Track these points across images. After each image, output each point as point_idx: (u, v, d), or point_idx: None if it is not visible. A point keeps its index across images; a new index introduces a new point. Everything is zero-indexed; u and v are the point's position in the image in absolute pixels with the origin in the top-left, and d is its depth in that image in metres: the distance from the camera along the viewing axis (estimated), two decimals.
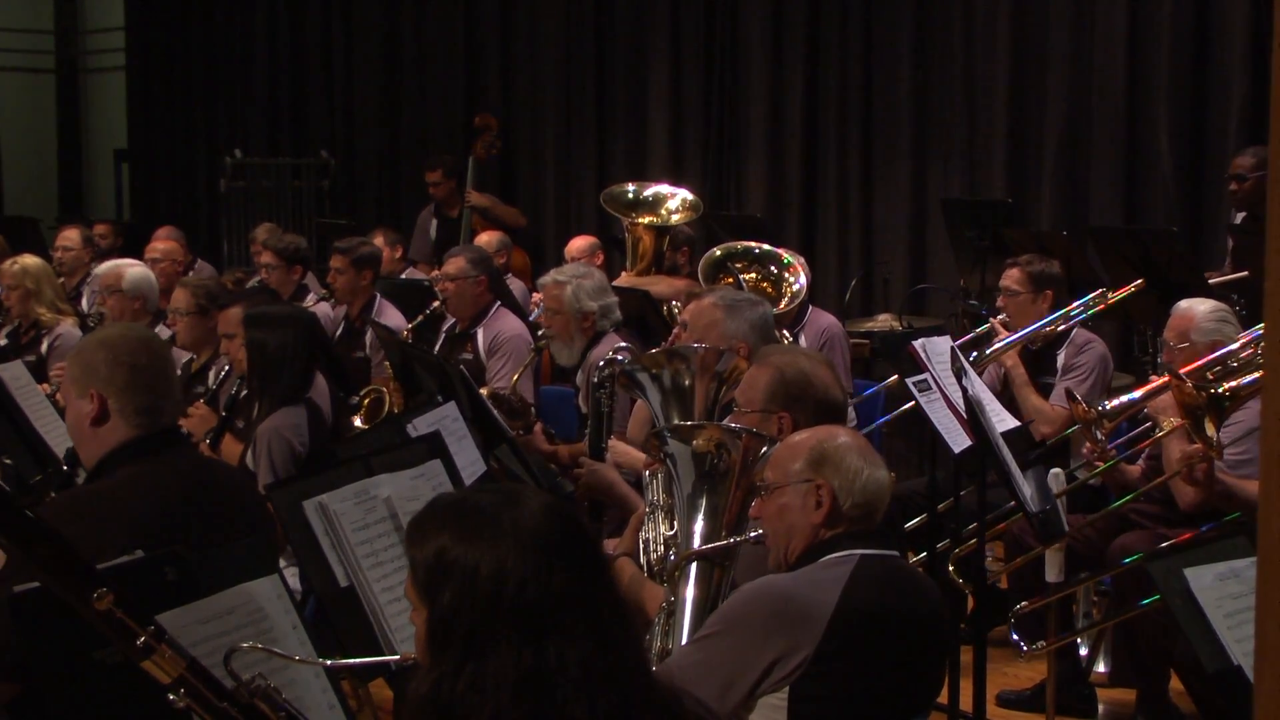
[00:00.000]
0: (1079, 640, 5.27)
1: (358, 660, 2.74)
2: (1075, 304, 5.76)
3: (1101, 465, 4.83)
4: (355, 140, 12.43)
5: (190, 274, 8.04)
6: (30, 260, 7.14)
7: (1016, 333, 5.71)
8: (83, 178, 16.48)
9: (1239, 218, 7.07)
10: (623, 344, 5.51)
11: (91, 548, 2.74)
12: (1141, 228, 7.53)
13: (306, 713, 2.42)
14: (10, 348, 6.38)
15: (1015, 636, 4.71)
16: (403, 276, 8.26)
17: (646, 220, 7.71)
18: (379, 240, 8.41)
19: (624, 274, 7.74)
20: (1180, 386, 4.24)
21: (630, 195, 7.97)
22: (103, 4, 15.84)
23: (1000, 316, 5.82)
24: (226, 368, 5.30)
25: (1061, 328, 5.73)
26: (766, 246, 6.59)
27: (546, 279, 6.01)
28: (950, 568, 4.78)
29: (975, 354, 5.69)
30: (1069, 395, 4.93)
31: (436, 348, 6.50)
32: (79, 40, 16.51)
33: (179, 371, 5.39)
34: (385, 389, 6.10)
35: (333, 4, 12.49)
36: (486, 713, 2.00)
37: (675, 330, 4.98)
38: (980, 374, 5.61)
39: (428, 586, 2.08)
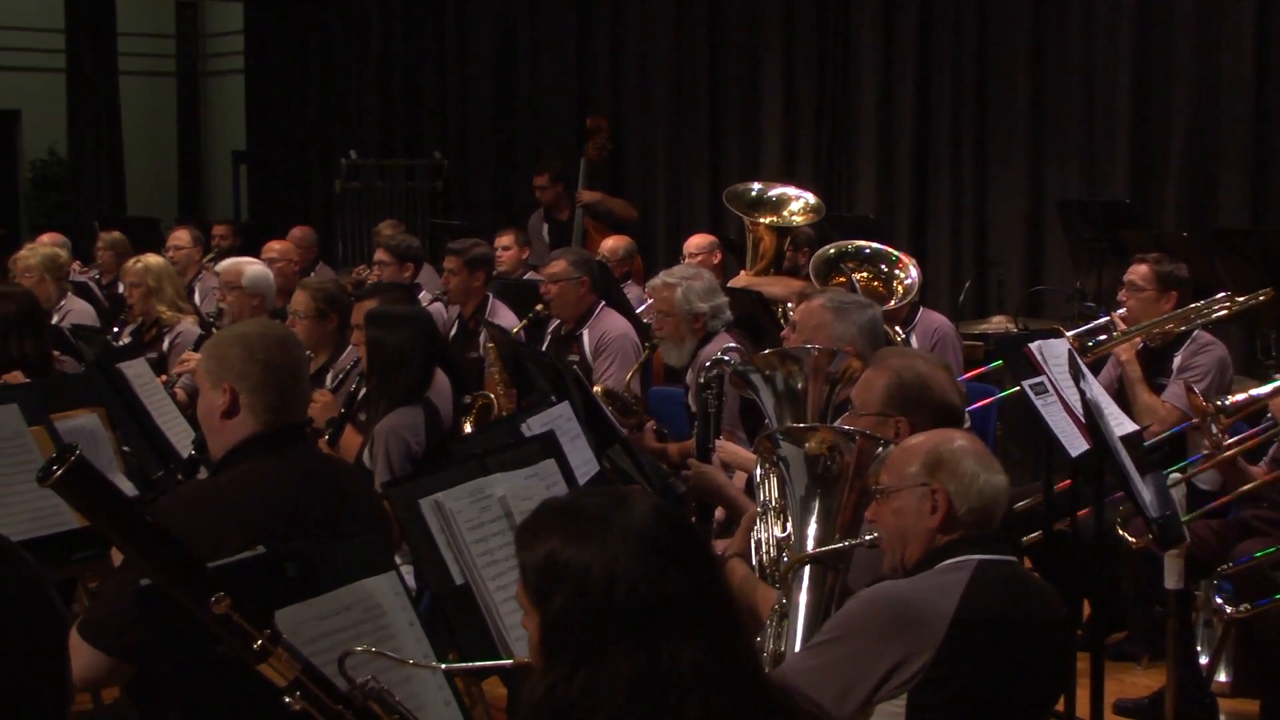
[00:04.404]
0: (1199, 648, 5.17)
1: (473, 665, 2.75)
2: (1198, 304, 5.65)
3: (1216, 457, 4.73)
4: (468, 141, 12.55)
5: (312, 275, 8.15)
6: (153, 259, 7.30)
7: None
8: (202, 179, 16.82)
9: None
10: (731, 344, 5.50)
11: (213, 540, 2.80)
12: (1266, 228, 7.36)
13: (422, 709, 2.44)
14: (134, 345, 6.51)
15: None
16: (526, 277, 8.30)
17: (768, 220, 7.68)
18: (508, 239, 8.46)
19: (742, 273, 7.72)
20: None
21: (753, 194, 7.94)
22: (222, 9, 16.15)
23: (1120, 311, 5.72)
24: (348, 366, 5.37)
25: (1182, 328, 5.63)
26: (876, 245, 6.55)
27: (656, 281, 5.99)
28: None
29: (1092, 343, 5.61)
30: (1187, 387, 4.84)
31: (543, 349, 6.52)
32: (199, 44, 16.85)
33: None
34: (494, 394, 6.14)
35: (446, 7, 12.61)
36: (601, 716, 2.00)
37: (785, 331, 4.96)
38: (1094, 366, 5.54)
39: (539, 591, 2.08)
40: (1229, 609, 4.43)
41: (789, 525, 3.44)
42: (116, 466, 4.39)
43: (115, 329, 7.20)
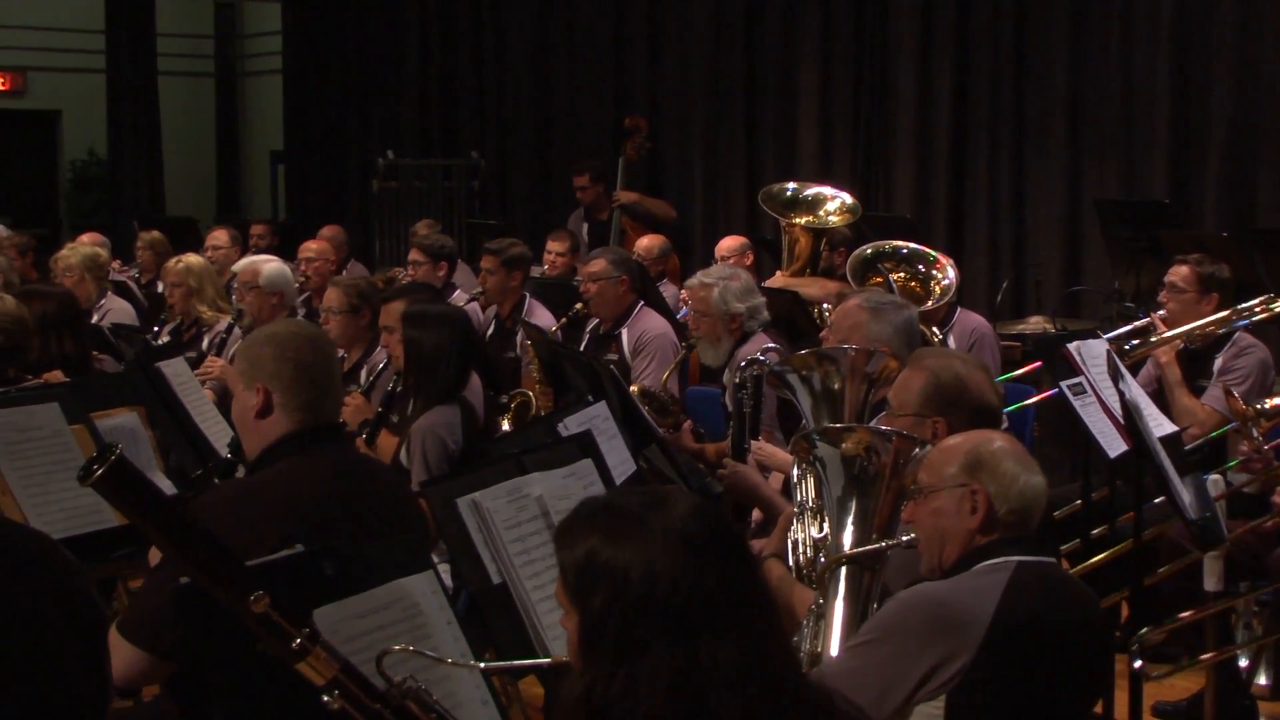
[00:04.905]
0: (1238, 652, 5.13)
1: (510, 664, 2.76)
2: (1239, 306, 5.60)
3: (1259, 468, 4.70)
4: (505, 141, 12.58)
5: (344, 273, 8.18)
6: (194, 259, 7.34)
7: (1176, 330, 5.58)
8: (240, 179, 16.90)
9: None
10: (770, 344, 5.49)
11: (249, 539, 2.81)
12: None
13: (459, 708, 2.44)
14: (173, 344, 6.55)
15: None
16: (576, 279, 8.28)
17: (804, 221, 7.66)
18: (561, 246, 8.45)
19: (778, 274, 7.71)
20: None
21: (789, 194, 7.92)
22: (261, 10, 16.22)
23: (1160, 312, 5.68)
24: (382, 364, 5.39)
25: (1222, 330, 5.58)
26: (914, 245, 6.53)
27: (693, 281, 5.99)
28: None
29: (1129, 345, 5.58)
30: (1226, 391, 4.81)
31: (582, 348, 6.53)
32: (237, 45, 16.93)
33: None
34: (532, 392, 6.15)
35: (483, 7, 12.64)
36: (640, 715, 2.00)
37: (824, 332, 4.96)
38: (1132, 368, 5.50)
39: (578, 589, 2.08)
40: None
41: (826, 526, 3.44)
42: (156, 465, 4.42)
43: (155, 328, 7.24)
